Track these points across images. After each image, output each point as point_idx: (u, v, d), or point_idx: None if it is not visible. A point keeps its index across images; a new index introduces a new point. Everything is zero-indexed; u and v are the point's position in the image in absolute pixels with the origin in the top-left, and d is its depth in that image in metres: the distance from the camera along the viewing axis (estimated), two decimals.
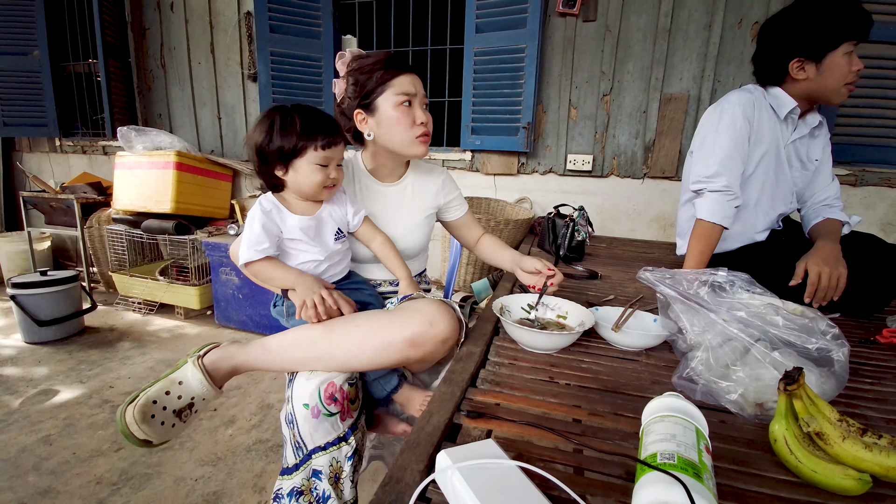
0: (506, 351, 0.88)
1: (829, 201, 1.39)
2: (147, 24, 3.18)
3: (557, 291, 1.07)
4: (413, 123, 0.99)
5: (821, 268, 1.12)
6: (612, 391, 0.74)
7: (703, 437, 0.48)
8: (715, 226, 1.25)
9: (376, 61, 0.98)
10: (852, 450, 0.53)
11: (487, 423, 0.63)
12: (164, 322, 2.71)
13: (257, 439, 1.64)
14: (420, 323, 0.82)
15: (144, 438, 0.80)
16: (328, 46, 2.79)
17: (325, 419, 0.82)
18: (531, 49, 2.32)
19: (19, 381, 2.00)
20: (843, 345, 0.70)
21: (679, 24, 2.21)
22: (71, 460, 1.51)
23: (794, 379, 0.58)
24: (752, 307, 0.77)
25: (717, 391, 0.69)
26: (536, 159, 2.56)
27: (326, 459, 0.82)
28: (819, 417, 0.57)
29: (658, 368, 0.84)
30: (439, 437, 0.59)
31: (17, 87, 3.37)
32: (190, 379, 0.86)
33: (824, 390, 0.68)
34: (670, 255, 1.82)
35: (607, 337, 0.93)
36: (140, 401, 0.81)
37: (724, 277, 0.84)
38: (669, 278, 0.86)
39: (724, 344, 0.73)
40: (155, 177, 2.71)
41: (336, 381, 0.84)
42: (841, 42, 1.14)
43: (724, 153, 1.26)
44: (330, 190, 0.95)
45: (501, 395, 0.71)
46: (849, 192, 2.12)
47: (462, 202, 1.21)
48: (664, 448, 0.46)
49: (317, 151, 0.89)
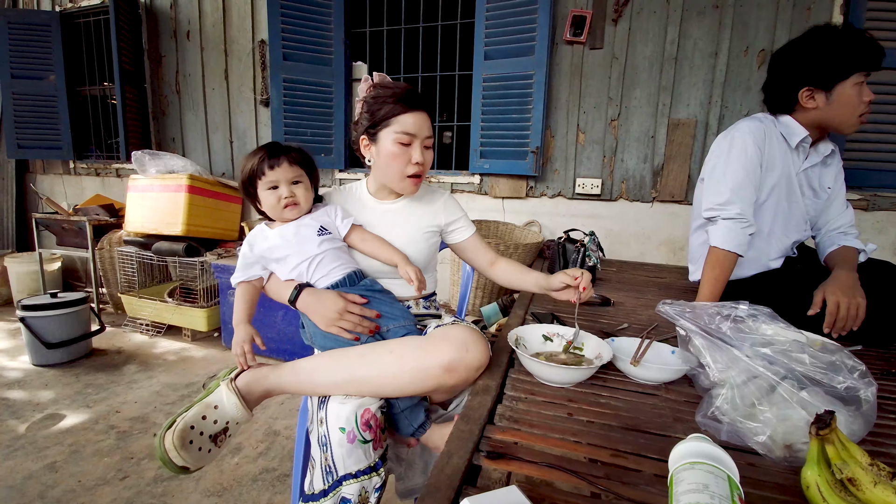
0: (522, 384, 0.86)
1: (844, 228, 1.37)
2: (163, 51, 3.27)
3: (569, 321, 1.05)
4: (408, 162, 1.00)
5: (839, 297, 1.10)
6: (633, 429, 0.72)
7: (735, 487, 0.46)
8: (729, 253, 1.24)
9: (391, 94, 0.99)
10: (883, 495, 0.52)
11: (508, 464, 0.62)
12: (171, 344, 2.70)
13: (263, 468, 1.61)
14: (456, 349, 0.82)
15: (182, 465, 0.79)
16: (339, 73, 2.85)
17: (360, 445, 0.82)
18: (539, 76, 2.36)
19: (26, 405, 1.99)
20: (870, 384, 0.68)
21: (685, 52, 2.24)
22: (76, 489, 1.49)
23: (827, 423, 0.56)
24: (777, 343, 0.75)
25: (744, 431, 0.67)
26: (545, 183, 2.57)
27: (356, 488, 0.81)
28: (851, 462, 0.55)
29: (679, 404, 0.82)
30: (459, 481, 0.57)
31: (33, 111, 3.46)
32: (225, 402, 0.86)
33: (852, 430, 0.66)
34: (681, 280, 1.81)
35: (625, 370, 0.91)
36: (178, 426, 0.80)
37: (746, 311, 0.82)
38: (689, 312, 0.84)
39: (749, 381, 0.71)
40: (167, 199, 2.74)
41: (371, 408, 0.85)
42: (851, 73, 1.15)
43: (735, 181, 1.25)
44: (291, 208, 1.00)
45: (520, 434, 0.69)
46: (860, 216, 2.11)
47: (468, 224, 1.17)
48: (697, 500, 0.44)
49: (263, 176, 0.98)
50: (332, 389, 0.88)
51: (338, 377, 0.87)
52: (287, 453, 1.69)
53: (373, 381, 0.85)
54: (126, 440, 1.75)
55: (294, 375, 0.91)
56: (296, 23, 2.77)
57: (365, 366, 0.86)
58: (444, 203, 1.15)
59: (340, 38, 2.81)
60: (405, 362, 0.83)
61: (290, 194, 0.99)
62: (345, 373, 0.86)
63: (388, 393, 0.87)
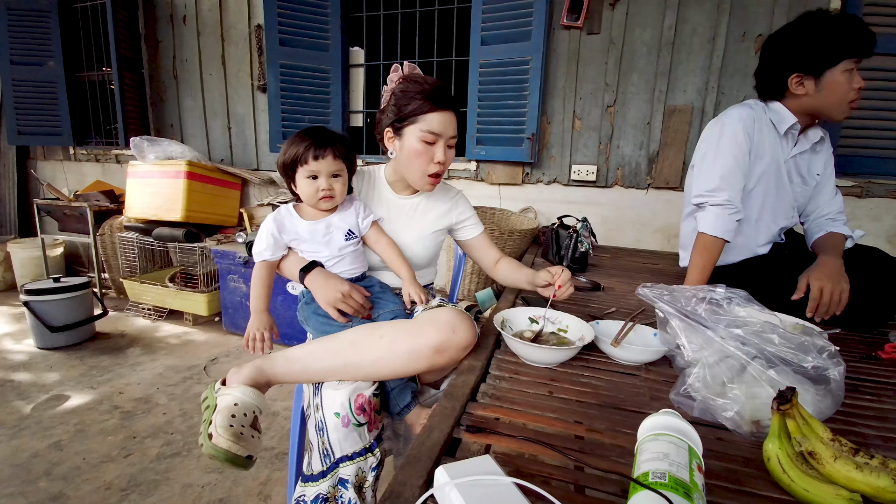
0: (506, 365, 0.89)
1: (833, 215, 1.39)
2: (160, 37, 3.25)
3: (560, 305, 1.08)
4: (430, 161, 1.02)
5: (823, 283, 1.12)
6: (611, 406, 0.75)
7: (695, 456, 0.49)
8: (717, 239, 1.25)
9: (420, 91, 0.99)
10: (844, 470, 0.54)
11: (487, 437, 0.64)
12: (173, 328, 2.75)
13: (262, 447, 1.65)
14: (444, 330, 0.85)
15: (248, 454, 0.78)
16: (336, 58, 2.84)
17: (355, 429, 0.85)
18: (536, 61, 2.35)
19: (31, 386, 2.04)
20: (839, 363, 0.70)
21: (683, 38, 2.22)
22: (81, 466, 1.53)
23: (788, 398, 0.58)
24: (750, 324, 0.77)
25: (714, 408, 0.70)
26: (541, 169, 2.58)
27: (353, 469, 0.84)
28: (812, 437, 0.58)
29: (657, 384, 0.84)
30: (438, 452, 0.60)
31: (32, 97, 3.46)
32: (243, 397, 0.86)
33: (820, 409, 0.69)
34: (674, 266, 1.82)
35: (607, 351, 0.94)
36: (219, 429, 0.77)
37: (723, 294, 0.85)
38: (668, 295, 0.86)
39: (722, 361, 0.73)
40: (166, 186, 2.76)
41: (365, 393, 0.88)
42: (840, 59, 1.15)
43: (725, 168, 1.27)
44: (326, 200, 1.01)
45: (501, 410, 0.72)
46: (855, 203, 2.11)
47: (476, 223, 1.22)
48: (656, 467, 0.46)
49: (305, 165, 0.98)
50: (327, 376, 0.90)
51: (330, 363, 0.89)
52: (285, 433, 1.74)
53: (366, 366, 0.87)
54: (130, 420, 1.80)
55: (288, 364, 0.92)
56: (293, 7, 2.75)
57: (358, 353, 0.88)
58: (456, 202, 1.20)
59: (337, 23, 2.79)
60: (397, 346, 0.86)
61: (328, 187, 0.99)
62: (338, 360, 0.89)
63: (382, 376, 0.90)
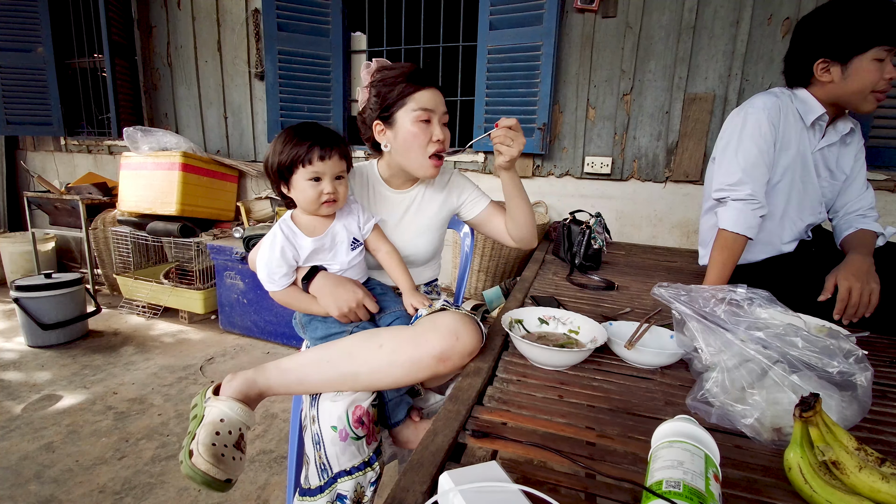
0: (514, 367, 0.85)
1: (863, 211, 1.31)
2: (153, 21, 3.13)
3: (571, 305, 1.01)
4: (429, 140, 0.99)
5: (851, 283, 1.06)
6: (623, 412, 0.71)
7: (712, 465, 0.46)
8: (738, 236, 1.18)
9: (399, 74, 0.98)
10: (868, 480, 0.50)
11: (493, 443, 0.61)
12: (167, 326, 2.66)
13: (261, 450, 1.59)
14: (447, 338, 0.81)
15: (227, 478, 0.74)
16: (337, 44, 2.72)
17: (353, 442, 0.82)
18: (547, 47, 2.23)
19: (22, 386, 1.97)
20: (866, 368, 0.65)
21: (704, 21, 2.11)
22: (74, 468, 1.47)
23: (811, 405, 0.55)
24: (772, 327, 0.71)
25: (733, 414, 0.66)
26: (552, 161, 2.47)
27: (351, 484, 0.81)
28: (836, 446, 0.54)
29: (673, 388, 0.80)
30: (443, 458, 0.57)
31: (21, 85, 3.33)
32: (230, 412, 0.82)
33: (846, 416, 0.65)
34: (693, 264, 1.74)
35: (621, 354, 0.89)
36: (200, 448, 0.74)
37: (744, 294, 0.79)
38: (685, 295, 0.80)
39: (741, 365, 0.69)
40: (160, 178, 2.66)
41: (363, 404, 0.84)
42: (870, 46, 1.07)
43: (748, 160, 1.19)
44: (329, 205, 0.93)
45: (508, 414, 0.68)
46: (887, 198, 2.01)
47: (480, 196, 1.16)
48: (670, 475, 0.44)
49: (308, 166, 0.89)
50: (324, 388, 0.86)
51: (328, 375, 0.85)
52: (284, 436, 1.68)
53: (365, 376, 0.84)
54: (124, 421, 1.74)
55: (281, 375, 0.88)
56: None
57: (356, 363, 0.84)
58: (452, 182, 1.15)
59: (338, 6, 2.66)
60: (397, 356, 0.82)
61: (332, 190, 0.92)
62: (335, 371, 0.85)
63: (382, 387, 0.86)
